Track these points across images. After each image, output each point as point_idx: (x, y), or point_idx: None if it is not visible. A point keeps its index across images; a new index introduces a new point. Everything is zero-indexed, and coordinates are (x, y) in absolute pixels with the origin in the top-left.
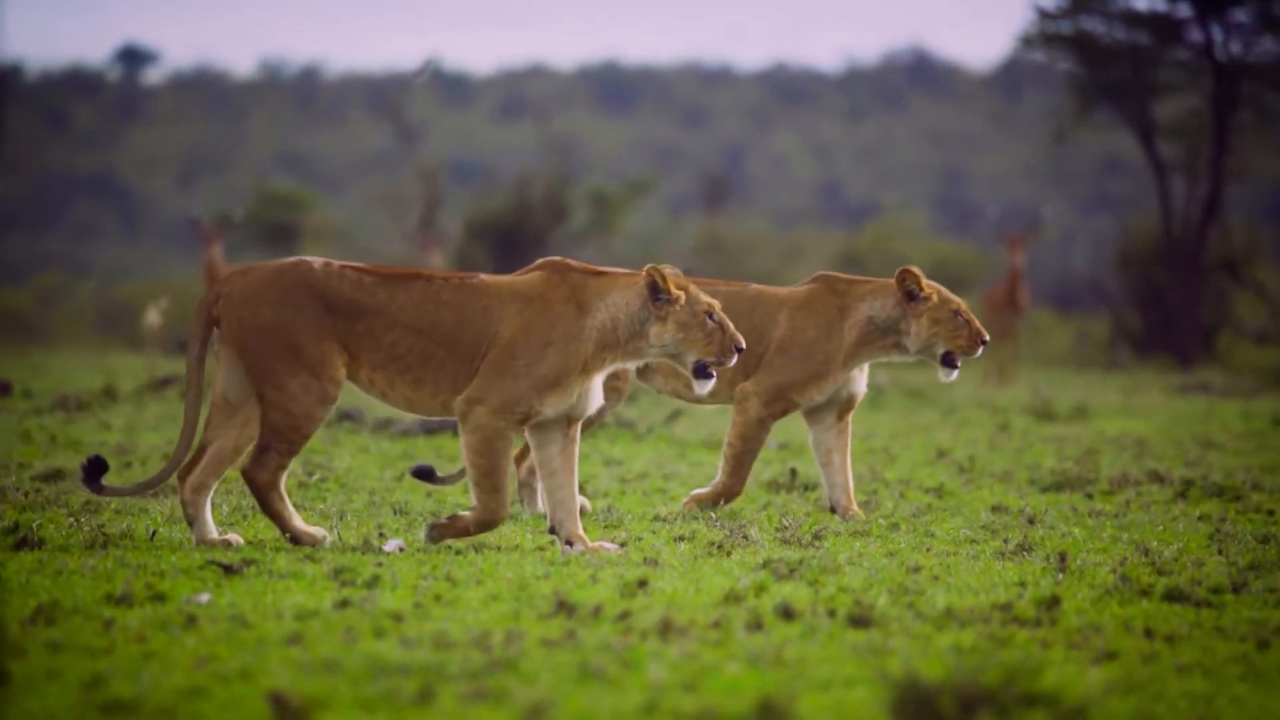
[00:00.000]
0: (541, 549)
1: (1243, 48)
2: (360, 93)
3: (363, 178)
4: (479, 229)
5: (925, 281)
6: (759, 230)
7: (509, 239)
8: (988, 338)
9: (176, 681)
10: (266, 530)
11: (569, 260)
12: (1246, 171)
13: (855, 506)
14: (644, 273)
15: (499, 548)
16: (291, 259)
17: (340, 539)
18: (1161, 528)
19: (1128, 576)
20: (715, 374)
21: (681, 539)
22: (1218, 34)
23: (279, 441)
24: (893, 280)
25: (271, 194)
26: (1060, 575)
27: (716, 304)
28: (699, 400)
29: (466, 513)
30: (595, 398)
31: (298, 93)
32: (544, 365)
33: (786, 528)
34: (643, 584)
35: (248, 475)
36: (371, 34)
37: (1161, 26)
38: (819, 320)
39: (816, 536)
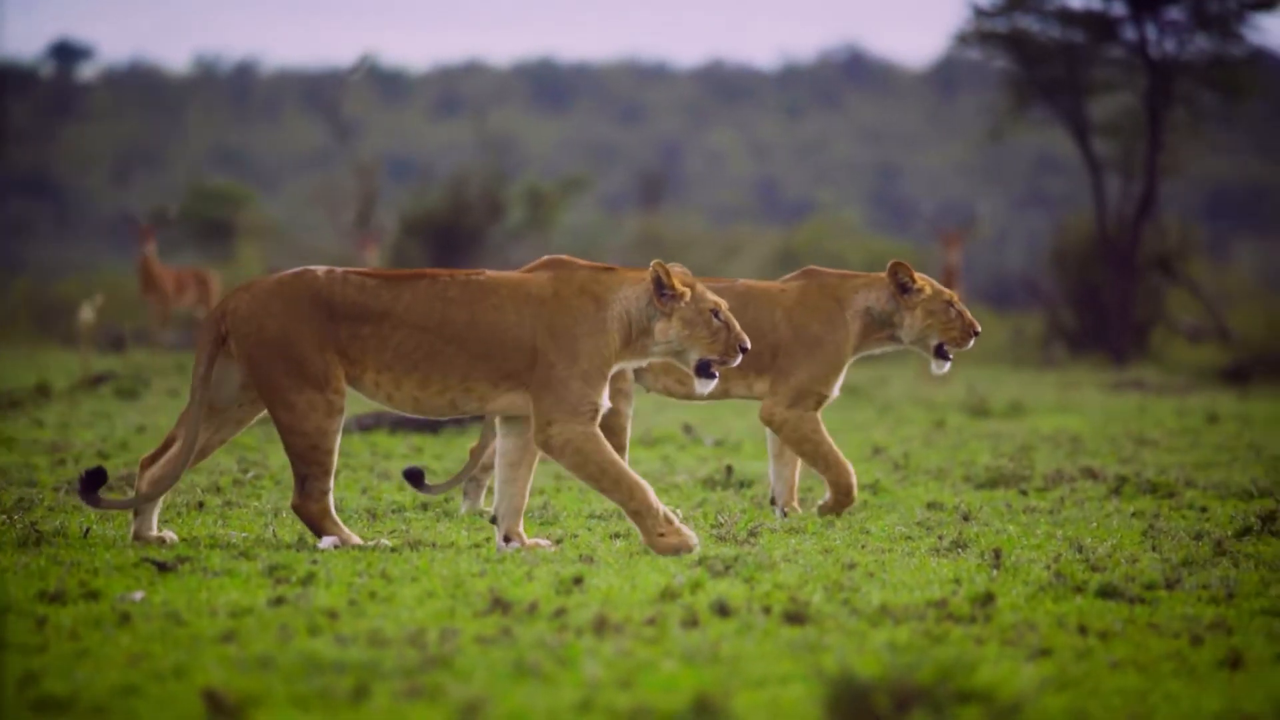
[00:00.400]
0: (477, 546)
1: (1177, 45)
2: (296, 89)
3: (299, 175)
4: (415, 226)
5: (917, 274)
6: (696, 227)
7: (445, 236)
8: (979, 329)
9: (110, 679)
10: (201, 528)
11: (573, 259)
12: (1180, 169)
13: (795, 503)
14: (649, 269)
15: (434, 545)
16: (295, 269)
17: (275, 536)
18: (1095, 524)
19: (1062, 573)
20: (718, 374)
21: (617, 536)
22: (1152, 32)
23: (308, 466)
24: (883, 274)
25: (207, 191)
26: (995, 572)
27: (723, 302)
28: (688, 397)
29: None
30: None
31: (233, 89)
32: (582, 359)
33: (722, 525)
34: (578, 581)
35: (298, 510)
36: (307, 30)
37: (1096, 24)
38: (820, 314)
39: (752, 533)
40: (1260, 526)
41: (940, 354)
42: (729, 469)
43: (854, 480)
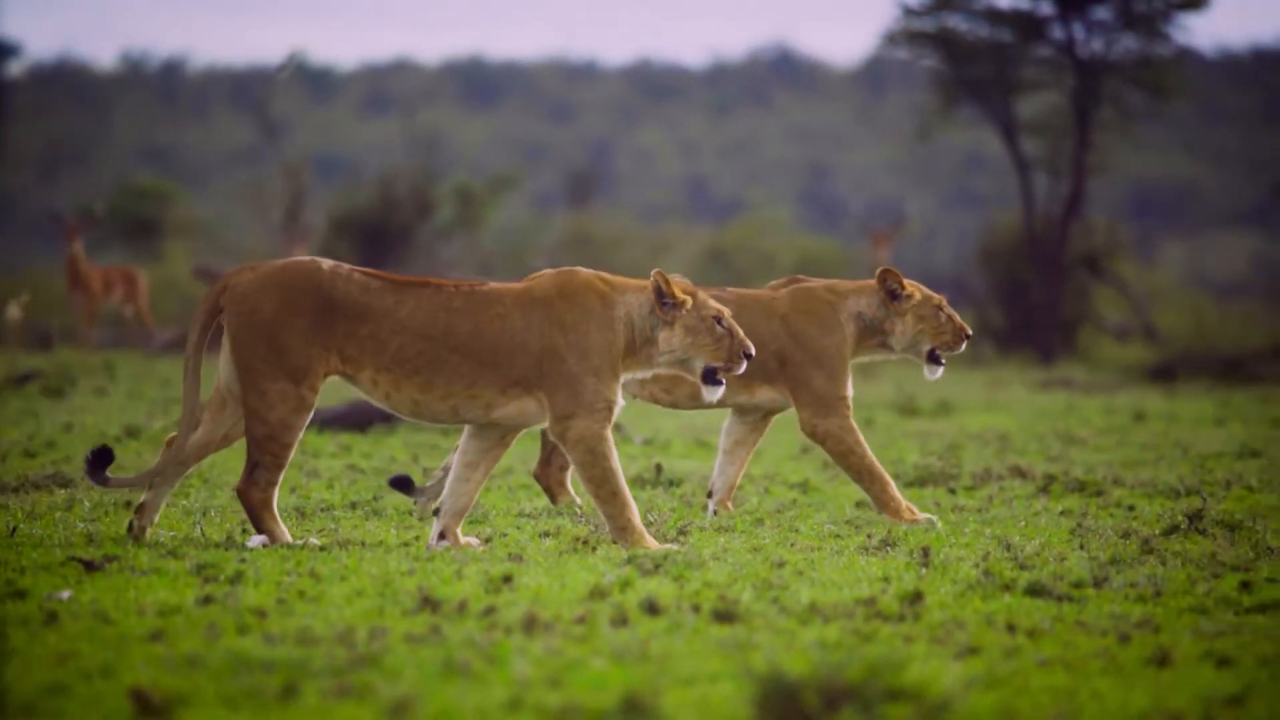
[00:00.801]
0: (406, 545)
1: (1104, 45)
2: (224, 87)
3: (227, 172)
4: (344, 225)
5: (905, 280)
6: (625, 226)
7: (374, 234)
8: (970, 332)
9: (38, 678)
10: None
11: (578, 268)
12: (1108, 168)
13: (730, 505)
14: (650, 278)
15: (363, 544)
16: (303, 258)
17: (203, 535)
18: (1024, 523)
19: (990, 571)
20: (724, 381)
21: (546, 535)
22: (1079, 31)
23: (261, 454)
24: (871, 281)
25: (134, 188)
26: (923, 570)
27: (726, 310)
28: (675, 406)
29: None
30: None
31: (161, 86)
32: (592, 355)
33: (652, 523)
34: (508, 580)
35: (241, 493)
36: (235, 28)
37: (1024, 24)
38: (816, 318)
39: (682, 532)
40: (1187, 524)
41: (933, 359)
42: (658, 467)
43: (897, 493)
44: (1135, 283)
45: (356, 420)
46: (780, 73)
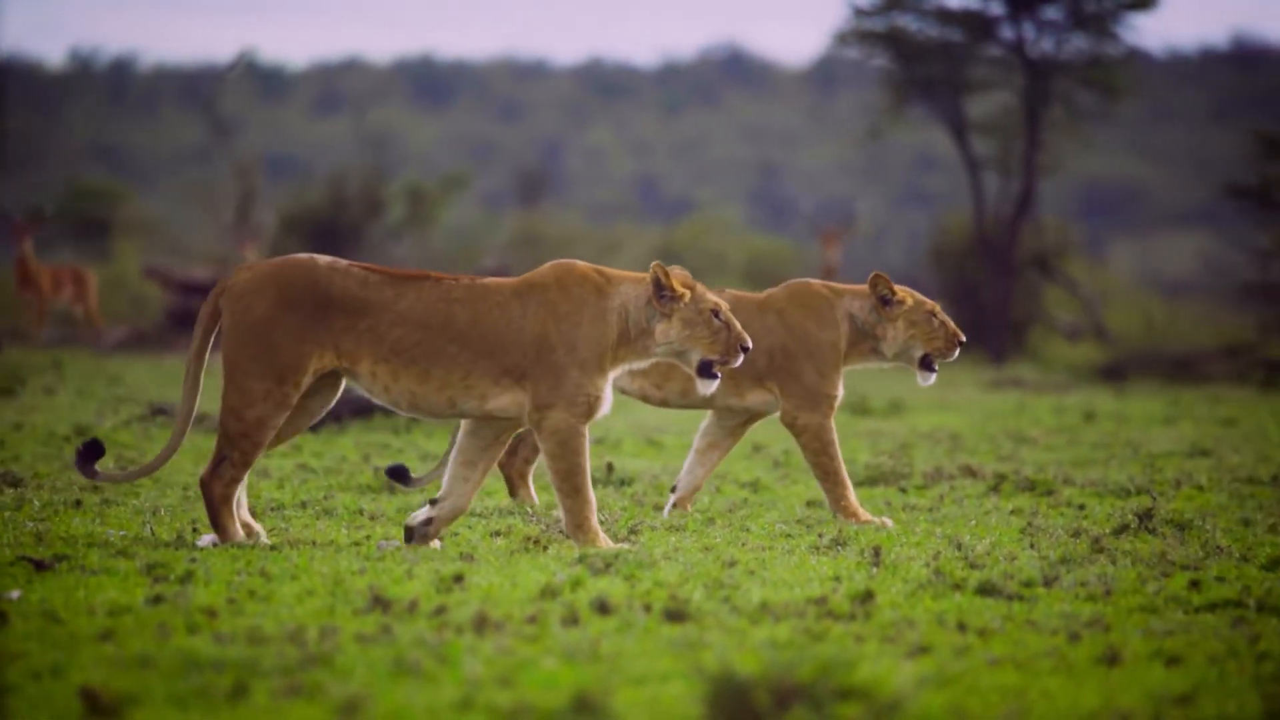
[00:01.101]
0: (357, 544)
1: (1054, 45)
2: (174, 86)
3: (177, 172)
4: (294, 223)
5: (897, 286)
6: (576, 225)
7: (324, 233)
8: (964, 338)
9: None
10: (79, 527)
11: (575, 261)
12: (1058, 168)
13: (689, 506)
14: (650, 270)
15: (314, 543)
16: (300, 255)
17: (154, 534)
18: (974, 522)
19: (941, 570)
20: (720, 374)
21: (498, 534)
22: (1029, 31)
23: (231, 449)
24: (864, 285)
25: (84, 187)
26: (874, 569)
27: (723, 303)
28: (664, 403)
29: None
30: (608, 401)
31: (110, 85)
32: (581, 347)
33: (603, 522)
34: (459, 579)
35: (204, 484)
36: (185, 26)
37: (974, 24)
38: (813, 313)
39: (633, 531)
40: (1137, 524)
41: (926, 365)
42: (609, 466)
43: (855, 499)
44: (1085, 283)
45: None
46: (731, 72)
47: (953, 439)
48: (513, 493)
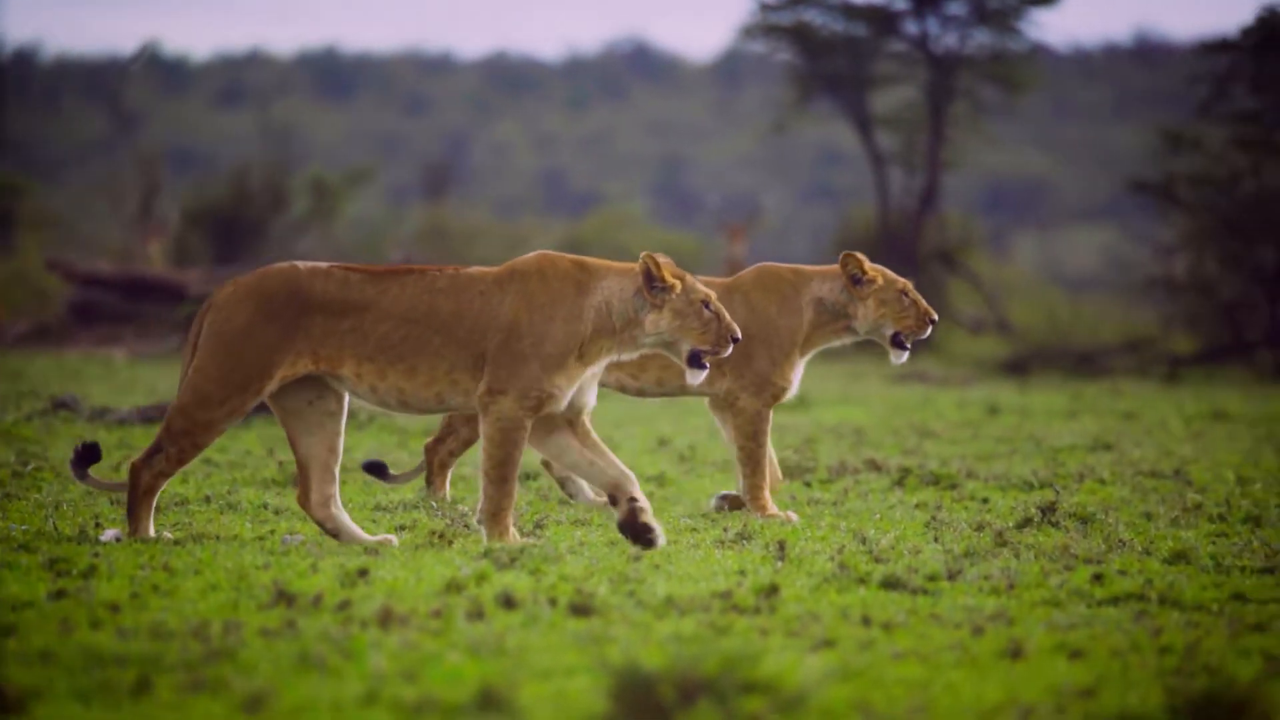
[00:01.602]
0: (261, 539)
1: (958, 40)
2: (76, 78)
3: (80, 165)
4: (198, 217)
5: (868, 265)
6: (482, 219)
7: (228, 227)
8: (936, 316)
9: None
10: None
11: (562, 254)
12: (961, 162)
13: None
14: (640, 260)
15: (218, 537)
16: (281, 264)
17: (56, 529)
18: (879, 516)
19: (846, 564)
20: (708, 365)
21: (403, 528)
22: (933, 26)
23: (170, 444)
24: (836, 265)
25: None
26: (779, 563)
27: (712, 294)
28: (641, 393)
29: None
30: (593, 390)
31: (11, 77)
32: (547, 343)
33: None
34: (363, 573)
35: (133, 470)
36: (87, 17)
37: (878, 18)
38: (776, 297)
39: (538, 525)
40: (1040, 517)
41: (897, 343)
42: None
43: (769, 497)
44: (989, 277)
45: None
46: (636, 66)
47: (857, 433)
48: (429, 479)
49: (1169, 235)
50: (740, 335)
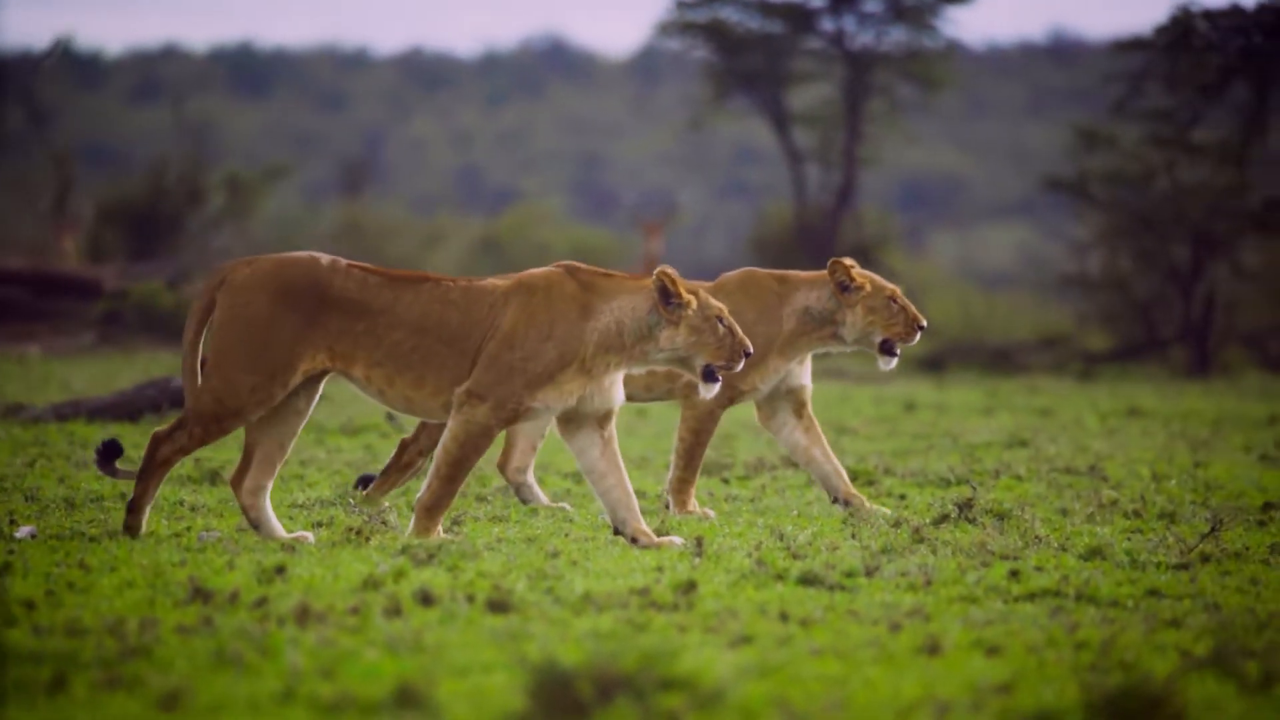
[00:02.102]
0: (178, 535)
1: (874, 37)
2: None
3: None
4: (112, 213)
5: (857, 271)
6: (398, 216)
7: (143, 223)
8: (925, 323)
9: None
10: None
11: (579, 264)
12: (878, 160)
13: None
14: (655, 277)
15: None
16: (302, 253)
17: None
18: (796, 512)
19: (763, 561)
20: (721, 378)
21: (320, 525)
22: (850, 24)
23: (197, 426)
24: (823, 272)
25: None
26: (697, 560)
27: (724, 308)
28: (630, 399)
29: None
30: (615, 394)
31: None
32: (539, 362)
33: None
34: (280, 570)
35: (154, 439)
36: None
37: (795, 16)
38: (756, 304)
39: (455, 522)
40: (957, 514)
41: (886, 350)
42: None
43: (692, 495)
44: (905, 274)
45: (126, 410)
46: (553, 63)
47: None
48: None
49: (1084, 233)
50: (753, 349)
